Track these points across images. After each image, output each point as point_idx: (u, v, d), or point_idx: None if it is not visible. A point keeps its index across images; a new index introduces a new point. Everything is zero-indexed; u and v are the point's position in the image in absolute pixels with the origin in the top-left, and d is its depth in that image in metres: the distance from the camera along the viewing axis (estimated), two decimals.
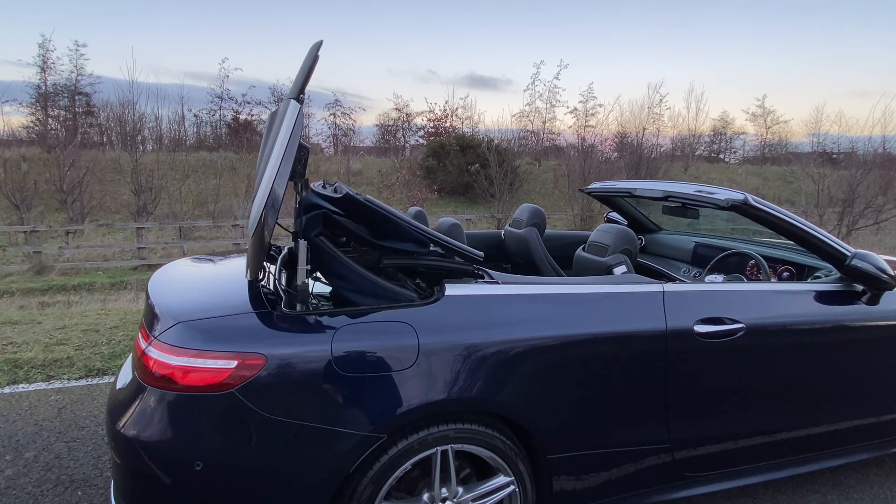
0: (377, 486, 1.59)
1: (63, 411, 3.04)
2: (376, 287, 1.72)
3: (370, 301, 1.69)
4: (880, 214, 13.47)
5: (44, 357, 3.81)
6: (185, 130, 26.32)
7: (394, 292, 1.72)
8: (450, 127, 26.32)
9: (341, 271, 1.73)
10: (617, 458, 1.88)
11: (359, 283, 1.72)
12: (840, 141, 21.64)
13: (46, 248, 11.43)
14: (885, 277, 2.15)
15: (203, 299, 1.77)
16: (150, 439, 1.48)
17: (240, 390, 1.46)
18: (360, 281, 1.72)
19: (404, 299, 1.70)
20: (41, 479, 2.37)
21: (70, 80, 24.42)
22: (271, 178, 1.53)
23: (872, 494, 2.38)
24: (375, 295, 1.71)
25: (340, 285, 1.73)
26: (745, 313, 1.99)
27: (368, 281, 1.72)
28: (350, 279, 1.72)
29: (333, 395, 1.53)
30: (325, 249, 1.71)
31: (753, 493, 2.35)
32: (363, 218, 1.80)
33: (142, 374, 1.56)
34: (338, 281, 1.74)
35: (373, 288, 1.71)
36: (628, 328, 1.83)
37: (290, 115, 1.57)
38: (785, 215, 2.17)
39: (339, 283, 1.74)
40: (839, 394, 2.21)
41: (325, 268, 1.76)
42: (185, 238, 13.62)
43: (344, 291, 1.73)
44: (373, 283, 1.72)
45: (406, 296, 1.72)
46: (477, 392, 1.64)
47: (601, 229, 2.79)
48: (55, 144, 18.11)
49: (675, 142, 27.63)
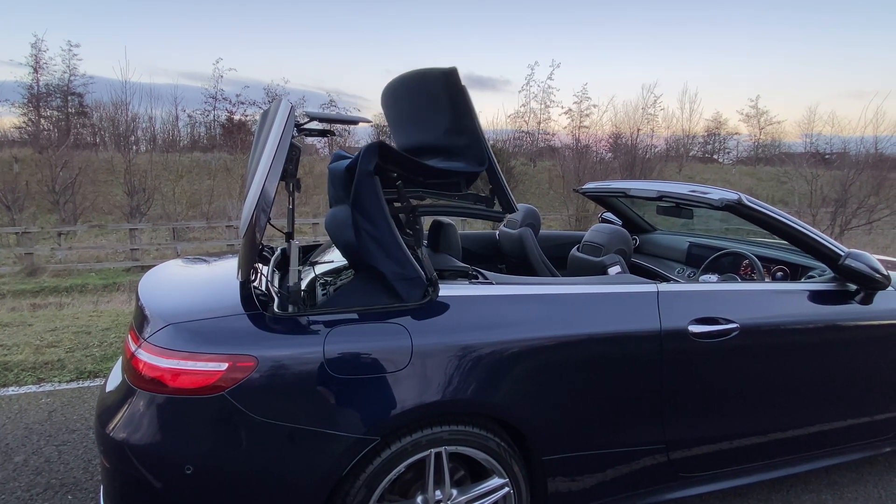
0: (370, 488, 1.58)
1: (53, 414, 3.00)
2: (398, 248, 1.68)
3: (381, 256, 1.66)
4: (872, 214, 13.56)
5: (34, 359, 3.78)
6: (179, 131, 26.25)
7: (407, 259, 1.68)
8: None
9: (377, 217, 1.68)
10: (612, 459, 1.87)
11: (384, 235, 1.68)
12: (833, 141, 21.78)
13: (38, 250, 11.35)
14: (878, 277, 2.15)
15: (194, 301, 1.76)
16: (139, 443, 1.46)
17: (231, 393, 1.44)
18: (387, 234, 1.68)
19: (410, 269, 1.67)
20: (31, 484, 2.34)
21: (63, 80, 24.31)
22: (262, 177, 1.52)
23: (866, 494, 2.38)
24: (392, 256, 1.67)
25: (367, 229, 1.68)
26: (739, 313, 1.99)
27: (394, 238, 1.68)
28: (380, 227, 1.68)
29: (326, 398, 1.51)
30: (372, 189, 1.68)
31: (748, 492, 2.35)
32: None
33: (131, 376, 1.54)
34: (367, 224, 1.68)
35: (395, 247, 1.67)
36: (623, 328, 1.83)
37: (282, 114, 1.56)
38: (779, 215, 2.17)
39: (367, 226, 1.68)
40: (833, 393, 2.21)
41: (363, 207, 1.69)
42: (178, 239, 13.55)
43: (366, 239, 1.67)
44: (396, 243, 1.68)
45: (411, 268, 1.68)
46: (471, 393, 1.63)
47: (596, 229, 2.79)
48: (47, 145, 18.01)
49: (669, 142, 27.79)
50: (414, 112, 2.06)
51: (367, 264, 1.70)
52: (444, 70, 1.75)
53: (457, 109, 1.76)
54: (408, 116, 2.13)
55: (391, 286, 1.66)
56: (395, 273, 1.67)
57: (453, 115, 1.78)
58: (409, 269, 1.68)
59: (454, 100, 1.75)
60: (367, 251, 1.68)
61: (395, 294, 1.66)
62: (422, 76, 1.90)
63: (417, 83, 1.95)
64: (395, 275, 1.67)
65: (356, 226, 1.69)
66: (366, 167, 1.69)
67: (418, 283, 1.68)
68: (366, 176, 1.69)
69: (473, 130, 1.76)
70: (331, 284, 2.02)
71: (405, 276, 1.67)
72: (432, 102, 1.87)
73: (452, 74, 1.73)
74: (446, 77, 1.75)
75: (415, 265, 1.69)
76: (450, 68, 1.73)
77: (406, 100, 2.09)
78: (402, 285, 1.67)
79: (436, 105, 1.85)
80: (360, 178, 1.68)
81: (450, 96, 1.76)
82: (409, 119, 2.13)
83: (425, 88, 1.90)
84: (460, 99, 1.74)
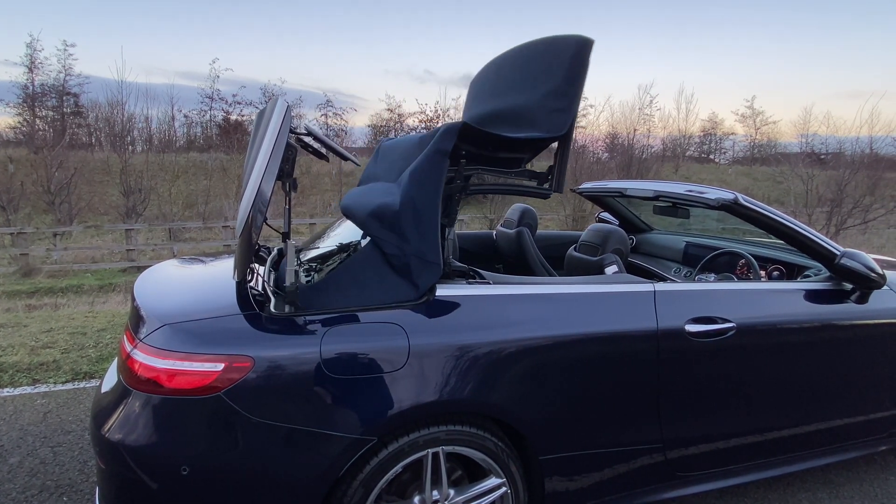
0: (367, 489, 1.57)
1: (49, 415, 2.99)
2: (433, 228, 1.67)
3: (414, 228, 1.65)
4: (868, 214, 13.60)
5: (29, 360, 3.76)
6: (176, 131, 26.14)
7: (436, 242, 1.67)
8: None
9: (430, 193, 1.68)
10: (609, 459, 1.87)
11: (428, 212, 1.68)
12: (828, 142, 21.87)
13: (34, 250, 11.30)
14: (873, 276, 2.16)
15: (190, 301, 1.75)
16: (135, 444, 1.45)
17: (227, 393, 1.44)
18: (431, 212, 1.68)
19: (433, 253, 1.65)
20: (26, 485, 2.33)
21: (58, 80, 24.23)
22: (259, 177, 1.51)
23: (863, 492, 2.39)
24: (424, 233, 1.66)
25: (415, 200, 1.66)
26: (735, 312, 1.99)
27: (435, 218, 1.69)
28: (428, 204, 1.68)
29: (323, 398, 1.51)
30: (438, 167, 1.69)
31: (745, 491, 2.35)
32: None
33: (127, 377, 1.53)
34: (419, 195, 1.67)
35: (431, 226, 1.67)
36: (620, 328, 1.83)
37: (279, 113, 1.55)
38: (775, 215, 2.17)
39: (417, 197, 1.67)
40: (829, 392, 2.21)
41: (421, 180, 1.69)
42: (175, 239, 13.51)
43: (408, 208, 1.66)
44: (434, 224, 1.68)
45: (435, 252, 1.66)
46: (468, 393, 1.62)
47: (592, 229, 2.79)
48: (43, 145, 17.92)
49: (665, 142, 27.86)
50: (516, 74, 2.07)
51: (391, 233, 1.66)
52: (580, 37, 1.80)
53: (570, 74, 1.78)
54: (505, 80, 2.14)
55: (405, 263, 1.64)
56: (417, 249, 1.65)
57: (564, 79, 1.79)
58: (433, 253, 1.67)
59: (574, 66, 1.78)
60: (403, 218, 1.65)
61: (405, 272, 1.64)
62: (552, 40, 1.93)
63: (543, 46, 1.97)
64: (417, 251, 1.65)
65: (406, 193, 1.67)
66: (442, 146, 1.69)
67: (434, 270, 1.66)
68: (438, 153, 1.68)
69: (574, 96, 1.78)
70: (323, 269, 2.01)
71: (425, 258, 1.66)
72: (546, 65, 1.89)
73: (587, 44, 1.78)
74: (580, 44, 1.79)
75: (439, 252, 1.68)
76: (587, 38, 1.79)
77: (514, 62, 2.12)
78: (418, 264, 1.65)
79: (549, 68, 1.86)
80: (432, 155, 1.68)
81: (572, 61, 1.79)
82: (503, 83, 2.14)
83: (550, 51, 1.91)
84: (579, 67, 1.77)
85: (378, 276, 1.65)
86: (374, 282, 1.65)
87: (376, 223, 1.68)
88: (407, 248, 1.64)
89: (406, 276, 1.65)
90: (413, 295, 1.65)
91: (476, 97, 2.33)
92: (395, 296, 1.65)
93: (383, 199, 1.71)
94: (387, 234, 1.66)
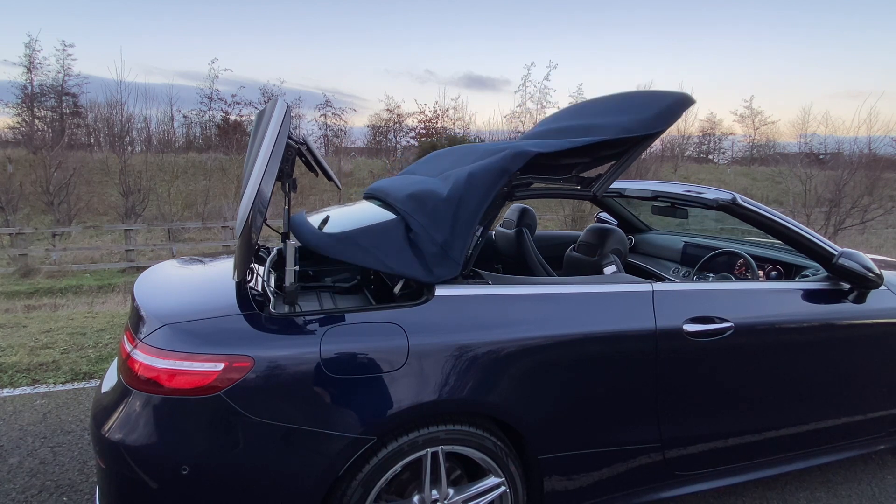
0: (367, 488, 1.58)
1: (48, 416, 2.99)
2: (468, 227, 1.73)
3: (449, 221, 1.71)
4: (866, 214, 13.63)
5: (29, 361, 3.76)
6: (175, 131, 26.13)
7: (465, 242, 1.72)
8: (441, 128, 26.33)
9: (479, 198, 1.76)
10: (608, 458, 1.88)
11: (468, 212, 1.74)
12: (827, 142, 21.89)
13: (32, 251, 11.29)
14: (871, 276, 2.17)
15: (189, 301, 1.75)
16: (135, 443, 1.45)
17: (227, 393, 1.44)
18: (470, 214, 1.74)
19: (458, 251, 1.70)
20: (26, 486, 2.33)
21: (57, 80, 24.22)
22: (258, 178, 1.52)
23: (860, 491, 2.40)
24: (457, 229, 1.72)
25: (461, 199, 1.74)
26: (734, 312, 2.00)
27: (473, 221, 1.75)
28: (471, 206, 1.74)
29: (322, 398, 1.51)
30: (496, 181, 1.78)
31: (743, 491, 2.36)
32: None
33: (127, 377, 1.53)
34: (467, 196, 1.75)
35: (466, 225, 1.73)
36: (618, 328, 1.84)
37: (278, 114, 1.56)
38: (773, 215, 2.18)
39: (465, 198, 1.74)
40: (827, 392, 2.22)
41: (475, 185, 1.77)
42: (174, 240, 13.50)
43: (453, 202, 1.74)
44: (470, 224, 1.74)
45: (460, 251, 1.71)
46: (467, 393, 1.63)
47: (591, 229, 2.80)
48: (42, 145, 17.90)
49: (664, 142, 27.82)
50: (604, 106, 2.22)
51: (424, 216, 1.75)
52: (683, 93, 1.99)
53: (661, 114, 1.94)
54: (589, 110, 2.30)
55: (428, 249, 1.69)
56: (445, 242, 1.70)
57: (655, 115, 1.94)
58: (457, 252, 1.71)
59: (667, 110, 1.94)
60: (443, 209, 1.72)
61: (424, 254, 1.68)
62: (656, 91, 2.14)
63: (644, 94, 2.17)
64: (444, 243, 1.70)
65: (456, 190, 1.76)
66: (508, 165, 1.77)
67: (452, 267, 1.70)
68: (501, 171, 1.77)
69: (654, 130, 1.93)
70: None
71: (448, 253, 1.70)
72: (640, 104, 2.05)
73: (687, 101, 1.96)
74: (681, 98, 1.97)
75: (463, 253, 1.72)
76: (690, 96, 1.96)
77: (607, 100, 2.28)
78: (439, 255, 1.69)
79: (642, 106, 2.02)
80: (495, 169, 1.77)
81: (667, 107, 1.94)
82: (587, 111, 2.30)
83: (650, 96, 2.09)
84: (671, 114, 1.93)
85: (396, 246, 1.70)
86: (393, 249, 1.69)
87: (413, 203, 1.80)
88: (435, 236, 1.70)
89: (422, 259, 1.69)
90: (424, 277, 1.68)
91: (549, 121, 2.46)
92: (410, 271, 1.68)
93: (427, 187, 1.81)
94: (420, 215, 1.74)
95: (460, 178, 1.79)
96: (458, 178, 1.80)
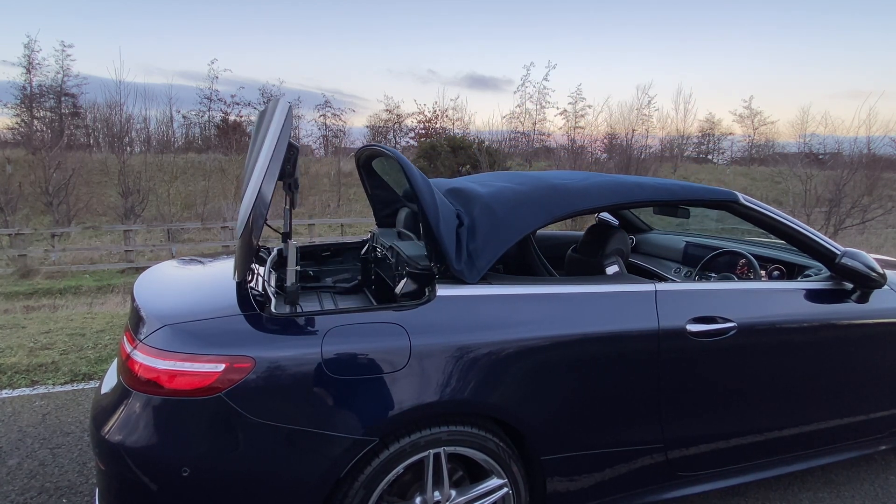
0: (369, 490, 1.57)
1: (47, 417, 2.98)
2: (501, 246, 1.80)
3: (490, 234, 1.79)
4: (866, 214, 13.62)
5: (28, 362, 3.75)
6: (174, 132, 26.13)
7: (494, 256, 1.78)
8: (440, 128, 26.34)
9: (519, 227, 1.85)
10: (610, 459, 1.87)
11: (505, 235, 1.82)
12: (826, 142, 21.91)
13: (32, 251, 11.27)
14: (874, 276, 2.16)
15: (190, 301, 1.74)
16: (135, 445, 1.44)
17: (228, 394, 1.43)
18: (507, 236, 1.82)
19: (484, 262, 1.76)
20: (25, 487, 2.32)
21: (56, 80, 24.23)
22: (259, 178, 1.51)
23: (863, 492, 2.39)
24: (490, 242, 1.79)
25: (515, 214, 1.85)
26: (736, 312, 1.99)
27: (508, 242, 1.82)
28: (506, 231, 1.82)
29: (324, 398, 1.50)
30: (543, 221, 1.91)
31: (745, 491, 2.35)
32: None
33: (127, 378, 1.52)
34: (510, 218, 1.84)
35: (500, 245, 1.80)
36: (620, 328, 1.83)
37: (280, 114, 1.55)
38: (775, 214, 2.17)
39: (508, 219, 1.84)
40: (830, 392, 2.21)
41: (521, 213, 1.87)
42: (173, 240, 13.49)
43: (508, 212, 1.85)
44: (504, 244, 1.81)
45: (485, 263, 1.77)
46: (469, 394, 1.62)
47: (592, 229, 2.79)
48: (41, 146, 17.89)
49: (663, 143, 27.90)
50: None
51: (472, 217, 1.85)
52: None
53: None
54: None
55: (466, 246, 1.76)
56: (475, 250, 1.77)
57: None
58: (483, 261, 1.75)
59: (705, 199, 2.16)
60: (487, 222, 1.81)
61: (462, 247, 1.76)
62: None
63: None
64: (474, 250, 1.76)
65: (515, 204, 1.88)
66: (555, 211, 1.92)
67: (474, 273, 1.74)
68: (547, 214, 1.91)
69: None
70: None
71: (475, 261, 1.75)
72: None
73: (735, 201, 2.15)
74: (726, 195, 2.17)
75: (487, 266, 1.75)
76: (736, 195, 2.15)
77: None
78: (468, 257, 1.75)
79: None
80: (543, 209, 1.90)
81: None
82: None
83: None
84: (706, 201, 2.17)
85: (450, 227, 1.78)
86: (449, 230, 1.76)
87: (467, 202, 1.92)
88: (470, 242, 1.77)
89: (460, 250, 1.76)
90: (455, 263, 1.73)
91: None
92: (450, 249, 1.73)
93: (490, 189, 1.95)
94: (468, 217, 1.85)
95: (518, 202, 1.88)
96: (515, 201, 1.89)
